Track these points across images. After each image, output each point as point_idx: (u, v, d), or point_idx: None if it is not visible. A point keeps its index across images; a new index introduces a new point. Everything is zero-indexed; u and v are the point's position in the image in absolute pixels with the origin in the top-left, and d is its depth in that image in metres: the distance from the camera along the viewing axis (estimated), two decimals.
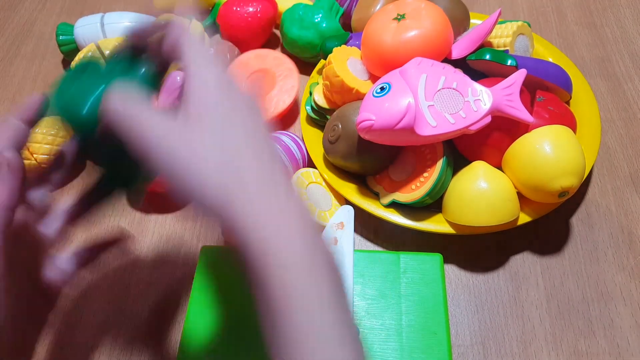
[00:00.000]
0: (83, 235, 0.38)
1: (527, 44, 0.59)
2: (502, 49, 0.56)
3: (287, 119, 0.63)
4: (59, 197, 0.36)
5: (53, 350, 0.49)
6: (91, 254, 0.39)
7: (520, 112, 0.47)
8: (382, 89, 0.46)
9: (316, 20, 0.65)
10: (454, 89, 0.47)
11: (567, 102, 0.57)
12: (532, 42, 0.60)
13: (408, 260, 0.46)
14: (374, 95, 0.46)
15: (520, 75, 0.48)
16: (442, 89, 0.47)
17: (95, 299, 0.52)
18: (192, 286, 0.46)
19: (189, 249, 0.54)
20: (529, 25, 0.60)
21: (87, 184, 0.36)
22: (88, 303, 0.51)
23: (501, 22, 0.59)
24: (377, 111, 0.45)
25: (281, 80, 0.61)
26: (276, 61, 0.63)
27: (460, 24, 0.58)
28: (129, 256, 0.54)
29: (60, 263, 0.36)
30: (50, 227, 0.35)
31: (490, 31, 0.53)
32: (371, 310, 0.44)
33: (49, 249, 0.35)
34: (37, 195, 0.34)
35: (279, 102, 0.60)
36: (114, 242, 0.40)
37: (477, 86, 0.48)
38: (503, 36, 0.57)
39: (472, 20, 0.63)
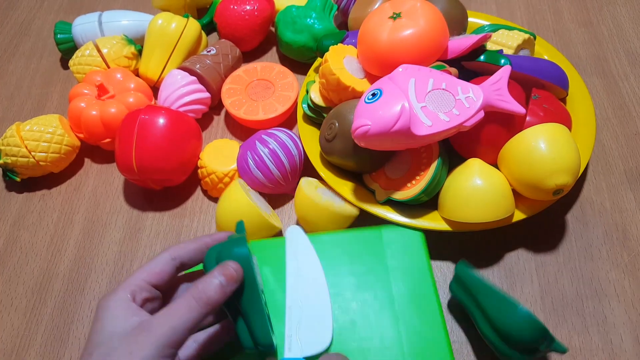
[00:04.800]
0: None
1: (527, 54, 0.59)
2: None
3: (282, 119, 0.63)
4: None
5: (51, 346, 0.49)
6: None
7: (511, 104, 0.47)
8: (373, 95, 0.46)
9: (309, 23, 0.65)
10: (443, 89, 0.47)
11: (564, 99, 0.57)
12: (532, 53, 0.60)
13: (390, 233, 0.48)
14: (365, 102, 0.46)
15: (505, 71, 0.49)
16: (432, 90, 0.47)
17: (92, 296, 0.52)
18: None
19: None
20: (534, 36, 0.59)
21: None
22: (85, 300, 0.52)
23: (509, 28, 0.59)
24: (372, 116, 0.45)
25: (280, 91, 0.62)
26: (280, 75, 0.64)
27: (457, 23, 0.58)
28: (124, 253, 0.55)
29: None
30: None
31: (477, 45, 0.53)
32: (362, 284, 0.45)
33: None
34: None
35: (275, 108, 0.61)
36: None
37: (466, 84, 0.48)
38: (506, 46, 0.57)
39: (470, 19, 0.63)
